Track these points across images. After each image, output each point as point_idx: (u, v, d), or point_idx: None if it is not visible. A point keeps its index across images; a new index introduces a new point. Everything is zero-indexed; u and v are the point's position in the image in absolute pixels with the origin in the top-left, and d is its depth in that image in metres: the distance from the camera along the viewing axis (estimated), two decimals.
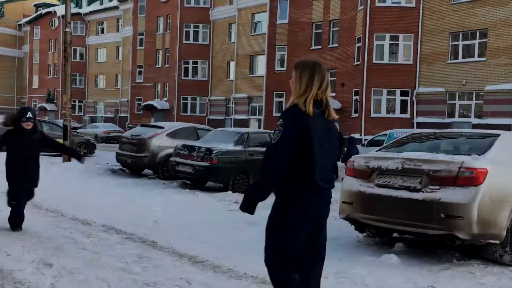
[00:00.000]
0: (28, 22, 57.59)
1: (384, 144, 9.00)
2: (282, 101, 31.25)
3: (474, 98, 23.42)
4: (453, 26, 23.79)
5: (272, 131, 2.89)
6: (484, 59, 22.89)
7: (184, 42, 38.64)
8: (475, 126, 22.22)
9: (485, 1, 22.82)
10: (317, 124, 2.89)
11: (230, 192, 10.04)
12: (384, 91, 25.06)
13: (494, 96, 22.47)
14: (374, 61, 25.20)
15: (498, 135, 5.87)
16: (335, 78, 28.70)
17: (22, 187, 5.87)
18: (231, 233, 6.40)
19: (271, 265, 2.93)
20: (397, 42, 25.12)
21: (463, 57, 23.79)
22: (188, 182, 11.33)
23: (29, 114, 5.79)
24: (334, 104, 27.65)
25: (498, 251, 5.15)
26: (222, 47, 37.83)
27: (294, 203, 2.89)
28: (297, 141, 2.82)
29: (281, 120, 2.88)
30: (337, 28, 28.75)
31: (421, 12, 24.67)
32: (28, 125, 5.78)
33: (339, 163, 10.14)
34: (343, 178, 6.31)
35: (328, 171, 2.98)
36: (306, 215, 2.90)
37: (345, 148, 15.00)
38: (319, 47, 29.56)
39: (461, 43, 23.78)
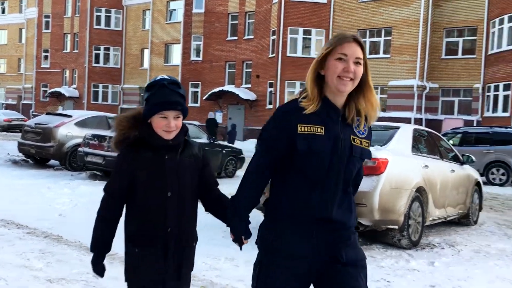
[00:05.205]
0: None
1: None
2: (197, 91, 31.02)
3: (379, 93, 24.87)
4: (361, 24, 25.03)
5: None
6: (388, 56, 24.39)
7: (95, 27, 36.91)
8: (379, 119, 23.11)
9: (389, 1, 24.27)
10: None
11: None
12: (298, 84, 25.79)
13: (396, 91, 24.04)
14: (288, 54, 25.83)
15: (398, 127, 6.29)
16: (250, 70, 29.03)
17: None
18: None
19: None
20: (310, 36, 25.94)
21: (370, 54, 25.08)
22: (99, 173, 10.91)
23: None
24: (249, 95, 27.98)
25: (397, 235, 5.54)
26: (136, 34, 36.67)
27: None
28: None
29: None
30: (253, 20, 29.05)
31: (332, 9, 25.66)
32: None
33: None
34: None
35: None
36: None
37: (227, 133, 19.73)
38: (235, 38, 29.69)
39: (368, 40, 25.08)
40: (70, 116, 12.28)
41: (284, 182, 1.99)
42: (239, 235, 2.04)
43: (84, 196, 8.16)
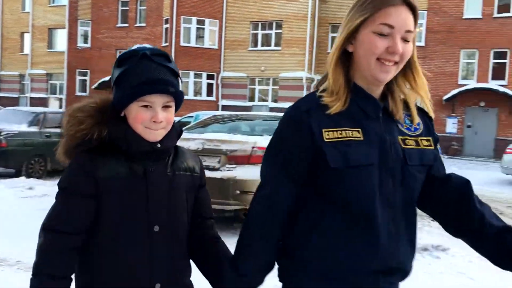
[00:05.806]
0: None
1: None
2: (86, 80, 29.47)
3: (271, 84, 25.66)
4: (253, 16, 25.54)
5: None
6: (279, 48, 25.20)
7: None
8: (272, 109, 24.44)
9: None
10: None
11: (23, 177, 9.34)
12: (191, 74, 25.64)
13: (286, 83, 24.98)
14: (182, 43, 25.54)
15: None
16: None
17: None
18: (23, 222, 5.84)
19: None
20: (203, 26, 25.88)
21: (262, 45, 25.78)
22: None
23: None
24: None
25: None
26: (14, 17, 33.72)
27: None
28: None
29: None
30: (145, 7, 28.21)
31: None
32: None
33: None
34: None
35: None
36: None
37: None
38: (126, 25, 28.62)
39: (260, 32, 25.70)
40: None
41: (309, 222, 1.28)
42: None
43: None
